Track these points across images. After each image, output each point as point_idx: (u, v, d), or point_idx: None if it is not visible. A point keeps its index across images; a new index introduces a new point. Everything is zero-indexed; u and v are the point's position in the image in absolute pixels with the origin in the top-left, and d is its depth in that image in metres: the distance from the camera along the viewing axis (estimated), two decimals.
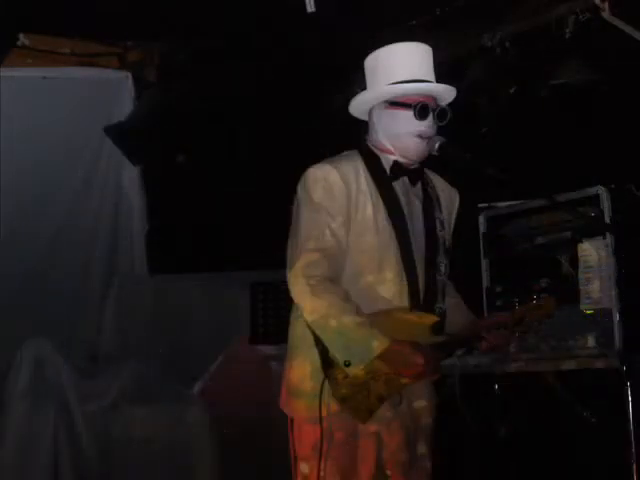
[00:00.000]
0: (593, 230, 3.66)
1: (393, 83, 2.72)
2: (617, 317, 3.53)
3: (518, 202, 4.00)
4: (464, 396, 2.99)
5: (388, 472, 2.72)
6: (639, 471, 3.34)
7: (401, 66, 2.73)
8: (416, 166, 2.80)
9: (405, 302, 2.68)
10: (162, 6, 4.66)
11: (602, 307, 3.59)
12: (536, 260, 3.88)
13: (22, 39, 5.09)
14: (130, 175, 5.77)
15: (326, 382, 2.58)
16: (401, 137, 2.73)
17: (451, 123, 2.76)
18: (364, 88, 2.83)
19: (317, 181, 2.68)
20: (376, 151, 2.80)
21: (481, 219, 4.12)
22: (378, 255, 2.68)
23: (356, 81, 3.20)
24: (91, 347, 5.50)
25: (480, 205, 4.15)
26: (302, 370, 2.69)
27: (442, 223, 2.83)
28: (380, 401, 2.62)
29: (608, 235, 3.59)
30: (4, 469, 4.34)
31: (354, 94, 2.82)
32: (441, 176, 2.97)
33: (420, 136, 2.71)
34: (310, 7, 4.31)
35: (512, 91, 4.44)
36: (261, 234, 4.85)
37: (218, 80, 5.15)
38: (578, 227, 3.71)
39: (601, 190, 3.64)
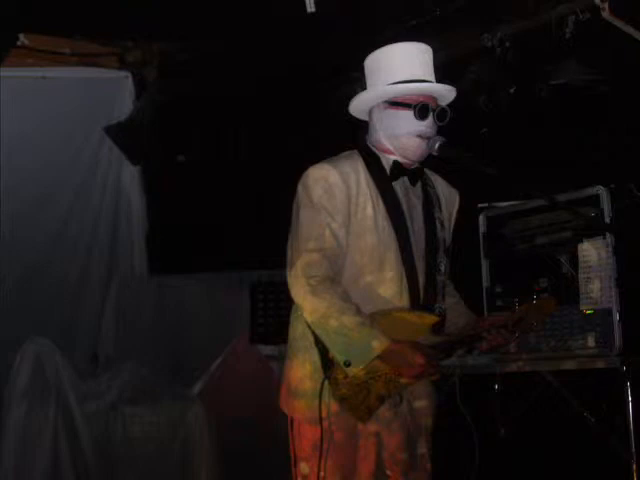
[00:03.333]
0: (593, 230, 3.66)
1: (393, 83, 2.72)
2: (617, 317, 3.53)
3: (518, 202, 4.00)
4: (464, 396, 2.99)
5: (388, 472, 2.72)
6: (639, 471, 3.34)
7: (401, 66, 2.73)
8: (416, 166, 2.80)
9: (405, 302, 2.68)
10: (162, 6, 4.65)
11: (602, 307, 3.59)
12: (536, 260, 3.88)
13: (22, 39, 5.07)
14: (130, 175, 5.77)
15: (326, 382, 2.58)
16: (401, 137, 2.73)
17: (451, 123, 2.76)
18: (364, 88, 2.83)
19: (317, 181, 2.68)
20: (376, 151, 2.80)
21: (481, 219, 4.12)
22: (378, 255, 2.68)
23: (356, 81, 3.20)
24: (91, 347, 5.50)
25: (480, 205, 4.15)
26: (302, 370, 2.69)
27: (442, 223, 2.83)
28: (380, 401, 2.62)
29: (608, 235, 3.59)
30: (4, 469, 4.33)
31: (354, 94, 2.82)
32: (441, 176, 2.97)
33: (420, 136, 2.71)
34: (310, 7, 4.30)
35: (512, 91, 4.44)
36: (261, 234, 4.86)
37: (218, 80, 5.15)
38: (578, 227, 3.71)
39: (601, 190, 3.64)
